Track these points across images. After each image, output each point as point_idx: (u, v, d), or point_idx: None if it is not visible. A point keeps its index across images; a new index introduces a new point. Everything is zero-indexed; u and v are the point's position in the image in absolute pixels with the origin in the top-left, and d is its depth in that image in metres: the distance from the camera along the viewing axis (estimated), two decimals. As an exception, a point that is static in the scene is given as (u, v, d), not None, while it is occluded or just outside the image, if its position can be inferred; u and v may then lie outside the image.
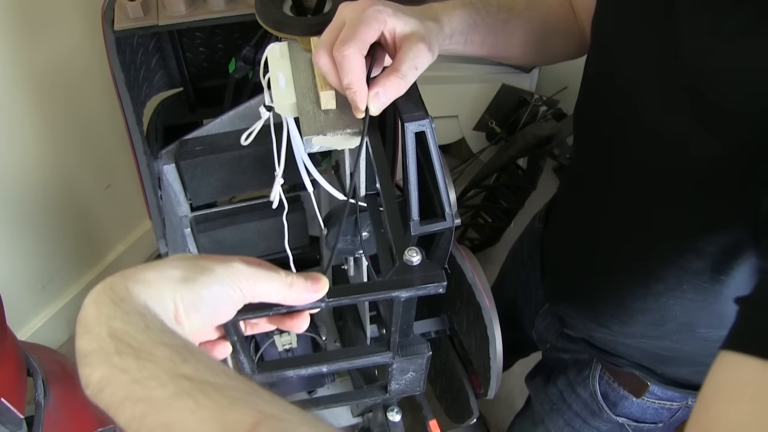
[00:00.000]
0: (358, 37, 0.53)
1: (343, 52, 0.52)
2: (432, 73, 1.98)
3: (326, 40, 0.55)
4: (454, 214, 0.61)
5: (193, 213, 0.96)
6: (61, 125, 1.49)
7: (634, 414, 0.84)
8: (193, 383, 0.33)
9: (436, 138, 0.64)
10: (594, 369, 0.85)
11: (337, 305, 0.43)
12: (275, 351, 1.25)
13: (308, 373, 0.51)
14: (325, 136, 0.56)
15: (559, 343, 0.91)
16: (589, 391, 0.87)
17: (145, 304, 0.37)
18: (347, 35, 0.53)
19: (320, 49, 0.55)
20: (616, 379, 0.83)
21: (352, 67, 0.52)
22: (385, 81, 0.54)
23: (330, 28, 0.56)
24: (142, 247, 1.93)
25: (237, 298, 0.41)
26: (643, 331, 0.72)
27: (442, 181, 0.62)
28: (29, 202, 1.50)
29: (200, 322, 0.40)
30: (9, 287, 1.49)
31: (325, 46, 0.54)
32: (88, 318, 0.36)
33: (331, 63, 0.54)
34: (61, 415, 0.95)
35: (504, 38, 0.69)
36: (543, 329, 0.93)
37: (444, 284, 0.43)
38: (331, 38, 0.54)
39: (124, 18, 0.80)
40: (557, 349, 0.91)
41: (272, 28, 0.63)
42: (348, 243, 0.83)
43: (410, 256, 0.44)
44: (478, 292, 0.83)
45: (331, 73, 0.55)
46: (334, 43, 0.53)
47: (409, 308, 0.46)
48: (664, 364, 0.78)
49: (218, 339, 0.47)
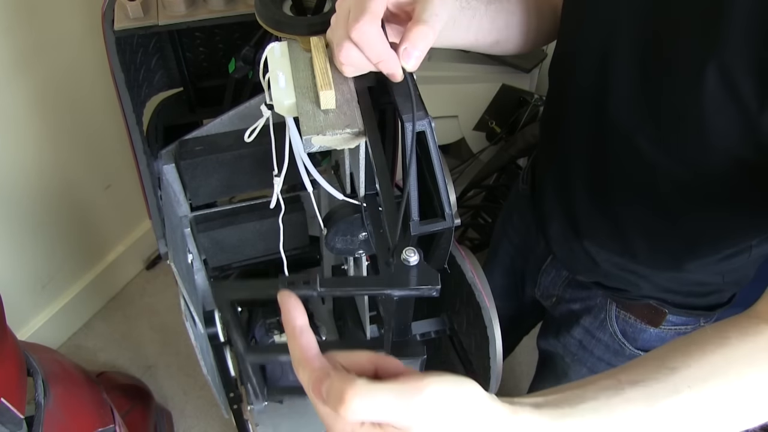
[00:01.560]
0: (368, 11, 0.51)
1: (360, 29, 0.51)
2: (432, 73, 1.98)
3: (340, 33, 0.54)
4: (454, 214, 0.61)
5: (193, 213, 0.96)
6: (62, 125, 1.49)
7: (654, 345, 0.86)
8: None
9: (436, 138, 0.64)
10: (609, 310, 0.87)
11: (328, 295, 0.43)
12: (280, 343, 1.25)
13: None
14: (325, 136, 0.56)
15: (567, 293, 0.92)
16: (608, 333, 0.89)
17: None
18: (357, 14, 0.52)
19: (340, 43, 0.54)
20: (632, 314, 0.85)
21: (374, 40, 0.52)
22: (410, 34, 0.53)
23: (337, 20, 0.55)
24: (142, 247, 1.93)
25: None
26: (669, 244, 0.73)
27: (441, 181, 0.62)
28: (29, 202, 1.50)
29: None
30: (9, 287, 1.49)
31: (342, 37, 0.53)
32: None
33: (356, 49, 0.53)
34: (61, 415, 0.95)
35: (488, 22, 0.69)
36: (548, 283, 0.95)
37: (438, 288, 0.43)
38: (343, 27, 0.53)
39: (124, 18, 0.80)
40: (565, 301, 0.93)
41: (272, 27, 0.63)
42: (348, 243, 0.83)
43: (408, 256, 0.44)
44: (478, 292, 0.83)
45: (359, 59, 0.54)
46: (349, 30, 0.52)
47: (405, 308, 0.46)
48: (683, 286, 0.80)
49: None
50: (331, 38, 0.57)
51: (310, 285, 0.42)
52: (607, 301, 0.88)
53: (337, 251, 0.84)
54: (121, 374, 1.67)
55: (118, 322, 1.87)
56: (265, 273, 1.41)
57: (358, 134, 0.56)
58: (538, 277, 0.96)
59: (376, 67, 0.54)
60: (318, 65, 0.58)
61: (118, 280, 1.92)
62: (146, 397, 1.52)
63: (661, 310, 0.82)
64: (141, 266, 1.98)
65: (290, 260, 0.96)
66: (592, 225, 0.80)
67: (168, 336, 1.84)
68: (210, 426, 1.69)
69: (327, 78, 0.57)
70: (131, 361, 1.79)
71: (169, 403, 1.71)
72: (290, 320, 0.42)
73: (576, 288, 0.91)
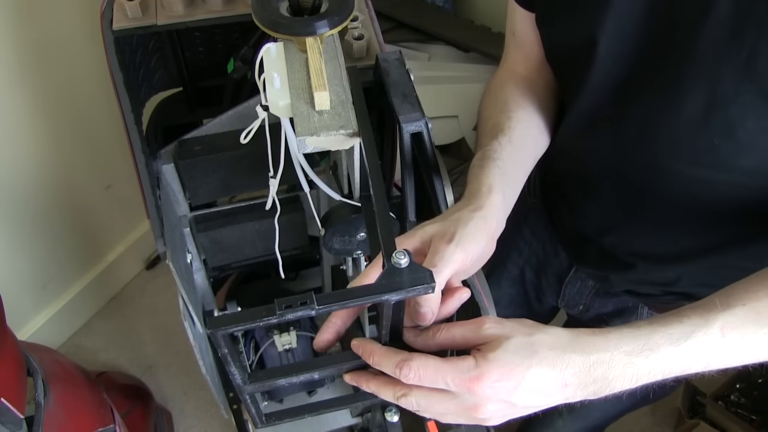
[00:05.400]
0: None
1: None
2: (432, 73, 1.98)
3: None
4: (451, 215, 0.61)
5: (192, 212, 0.96)
6: (62, 126, 1.50)
7: None
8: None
9: (434, 138, 0.64)
10: (640, 315, 0.87)
11: (326, 312, 0.43)
12: (275, 351, 1.25)
13: (300, 380, 0.51)
14: (319, 137, 0.56)
15: (595, 302, 0.92)
16: None
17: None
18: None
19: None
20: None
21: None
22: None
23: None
24: (142, 247, 1.93)
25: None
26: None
27: (438, 182, 0.62)
28: (30, 202, 1.50)
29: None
30: (9, 287, 1.49)
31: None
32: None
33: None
34: (61, 415, 0.95)
35: (529, 167, 0.69)
36: (574, 293, 0.94)
37: (433, 285, 0.43)
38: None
39: (123, 18, 0.80)
40: (594, 308, 0.93)
41: (268, 28, 0.63)
42: (346, 243, 0.83)
43: (398, 259, 0.44)
44: (477, 292, 0.83)
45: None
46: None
47: (398, 311, 0.46)
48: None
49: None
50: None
51: (307, 305, 0.42)
52: (638, 305, 0.87)
53: (335, 252, 0.84)
54: (121, 374, 1.67)
55: (118, 322, 1.87)
56: (265, 273, 1.42)
57: (353, 135, 0.56)
58: (562, 289, 0.95)
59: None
60: (313, 66, 0.59)
61: (118, 280, 1.92)
62: (146, 397, 1.52)
63: None
64: (141, 266, 1.98)
65: (290, 260, 0.96)
66: (628, 238, 0.79)
67: (168, 336, 1.84)
68: (210, 426, 1.69)
69: (322, 79, 0.57)
70: (131, 361, 1.80)
71: (169, 403, 1.71)
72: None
73: (605, 296, 0.90)
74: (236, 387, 0.50)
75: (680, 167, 0.64)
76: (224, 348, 0.45)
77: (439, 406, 0.47)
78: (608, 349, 0.47)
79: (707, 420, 1.55)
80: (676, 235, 0.74)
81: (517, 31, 0.76)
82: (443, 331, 0.49)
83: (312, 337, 1.28)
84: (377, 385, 0.50)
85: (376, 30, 0.82)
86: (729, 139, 0.58)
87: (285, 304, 0.42)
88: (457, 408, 0.47)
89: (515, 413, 0.48)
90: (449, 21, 1.94)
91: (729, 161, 0.60)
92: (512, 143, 0.66)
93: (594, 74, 0.65)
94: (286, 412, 0.56)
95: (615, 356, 0.46)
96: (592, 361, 0.46)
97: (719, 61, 0.55)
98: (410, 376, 0.46)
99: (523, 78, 0.77)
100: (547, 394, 0.46)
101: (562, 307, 0.99)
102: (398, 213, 0.77)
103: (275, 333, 1.23)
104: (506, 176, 0.61)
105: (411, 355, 0.47)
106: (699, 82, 0.57)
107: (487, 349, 0.46)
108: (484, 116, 0.73)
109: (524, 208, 0.98)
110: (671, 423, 1.67)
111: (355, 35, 0.78)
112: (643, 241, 0.78)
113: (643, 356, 0.47)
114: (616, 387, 0.47)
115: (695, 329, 0.48)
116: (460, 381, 0.45)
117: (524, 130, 0.69)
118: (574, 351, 0.46)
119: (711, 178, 0.63)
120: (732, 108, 0.56)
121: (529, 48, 0.76)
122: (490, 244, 0.57)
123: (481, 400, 0.45)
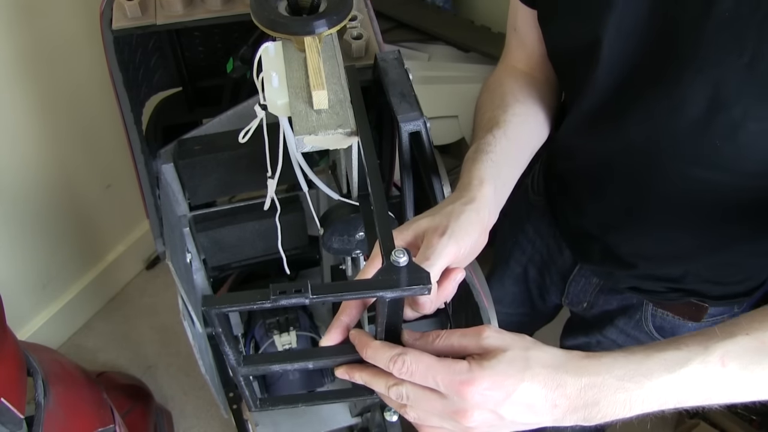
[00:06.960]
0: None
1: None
2: (432, 73, 1.97)
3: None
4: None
5: (192, 212, 0.96)
6: (61, 125, 1.50)
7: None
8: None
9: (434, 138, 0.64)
10: (645, 311, 0.87)
11: (320, 301, 0.43)
12: (275, 351, 1.25)
13: (294, 368, 0.50)
14: (317, 136, 0.56)
15: (599, 299, 0.92)
16: (644, 332, 0.88)
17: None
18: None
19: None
20: (671, 312, 0.85)
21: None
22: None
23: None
24: (142, 247, 1.93)
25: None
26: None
27: (437, 181, 0.62)
28: (30, 202, 1.50)
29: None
30: (9, 287, 1.49)
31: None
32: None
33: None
34: (61, 415, 0.95)
35: (523, 164, 0.69)
36: (578, 291, 0.94)
37: (429, 287, 0.43)
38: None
39: (122, 17, 0.80)
40: (599, 305, 0.93)
41: (267, 27, 0.63)
42: (345, 243, 0.83)
43: (397, 257, 0.44)
44: (476, 292, 0.83)
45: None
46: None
47: (395, 309, 0.46)
48: (728, 276, 0.79)
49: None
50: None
51: (301, 293, 0.42)
52: (643, 302, 0.87)
53: (334, 251, 0.84)
54: (121, 374, 1.67)
55: (118, 322, 1.87)
56: (264, 273, 1.42)
57: (351, 134, 0.56)
58: (566, 287, 0.95)
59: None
60: (311, 65, 0.59)
61: (118, 280, 1.92)
62: (146, 397, 1.52)
63: (703, 305, 0.81)
64: (141, 266, 1.98)
65: (290, 260, 0.96)
66: (631, 237, 0.79)
67: (168, 336, 1.84)
68: (210, 426, 1.69)
69: (320, 78, 0.57)
70: (131, 361, 1.80)
71: (169, 403, 1.71)
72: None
73: (609, 293, 0.90)
74: (230, 368, 0.50)
75: (682, 167, 0.64)
76: (218, 327, 0.45)
77: (427, 404, 0.47)
78: (600, 373, 0.46)
79: (707, 420, 1.55)
80: (678, 234, 0.75)
81: (519, 27, 0.76)
82: (442, 338, 0.49)
83: (312, 337, 1.28)
84: (370, 375, 0.49)
85: (374, 29, 0.82)
86: (731, 141, 0.58)
87: (279, 290, 0.42)
88: (444, 410, 0.46)
89: (501, 427, 0.47)
90: (449, 21, 1.93)
91: (731, 162, 0.60)
92: (507, 136, 0.66)
93: (597, 74, 0.64)
94: (281, 399, 0.56)
95: (606, 380, 0.46)
96: (584, 383, 0.46)
97: (721, 62, 0.55)
98: (403, 370, 0.46)
99: (522, 74, 0.78)
100: (536, 412, 0.46)
101: (566, 305, 0.99)
102: (397, 212, 0.77)
103: (275, 333, 1.23)
104: (499, 169, 0.61)
105: (405, 350, 0.47)
106: (701, 84, 0.57)
107: (483, 358, 0.46)
108: (480, 110, 0.73)
109: (527, 205, 0.99)
110: (671, 423, 1.67)
111: (353, 35, 0.78)
112: (646, 239, 0.78)
113: (634, 382, 0.46)
114: (608, 414, 0.46)
115: (693, 356, 0.47)
116: (451, 382, 0.45)
117: (520, 124, 0.69)
118: (567, 372, 0.46)
119: (712, 179, 0.63)
120: (734, 109, 0.56)
121: (530, 45, 0.76)
122: (483, 236, 0.57)
123: (469, 405, 0.45)
